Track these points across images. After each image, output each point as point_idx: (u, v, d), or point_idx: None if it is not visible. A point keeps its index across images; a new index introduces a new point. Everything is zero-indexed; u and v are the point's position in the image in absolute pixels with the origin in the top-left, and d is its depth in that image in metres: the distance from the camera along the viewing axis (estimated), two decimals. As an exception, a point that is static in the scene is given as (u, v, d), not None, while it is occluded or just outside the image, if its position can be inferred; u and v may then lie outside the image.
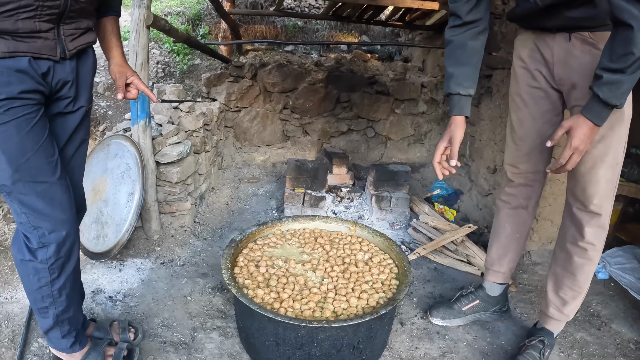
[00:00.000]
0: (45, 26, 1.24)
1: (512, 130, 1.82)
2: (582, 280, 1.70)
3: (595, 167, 1.54)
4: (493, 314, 2.08)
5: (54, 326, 1.53)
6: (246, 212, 3.15)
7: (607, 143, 1.51)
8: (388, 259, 1.99)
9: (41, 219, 1.36)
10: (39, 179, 1.33)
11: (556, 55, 1.58)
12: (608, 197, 1.58)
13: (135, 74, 1.56)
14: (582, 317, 2.18)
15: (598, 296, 2.36)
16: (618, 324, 2.16)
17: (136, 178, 2.34)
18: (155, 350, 1.80)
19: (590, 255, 1.65)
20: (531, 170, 1.81)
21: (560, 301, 1.77)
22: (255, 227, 2.10)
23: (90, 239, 2.37)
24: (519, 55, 1.72)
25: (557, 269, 1.76)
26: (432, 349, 1.92)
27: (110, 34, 1.54)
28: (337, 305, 1.66)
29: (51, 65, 1.31)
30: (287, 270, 1.87)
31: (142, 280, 2.26)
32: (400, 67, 4.29)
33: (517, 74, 1.75)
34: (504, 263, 2.00)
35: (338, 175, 3.39)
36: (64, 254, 1.43)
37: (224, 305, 2.11)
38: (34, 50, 1.24)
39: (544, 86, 1.68)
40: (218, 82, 3.76)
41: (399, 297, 1.63)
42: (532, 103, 1.72)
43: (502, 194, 1.95)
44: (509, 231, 1.95)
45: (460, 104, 1.64)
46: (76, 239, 1.48)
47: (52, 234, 1.38)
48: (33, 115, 1.29)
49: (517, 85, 1.76)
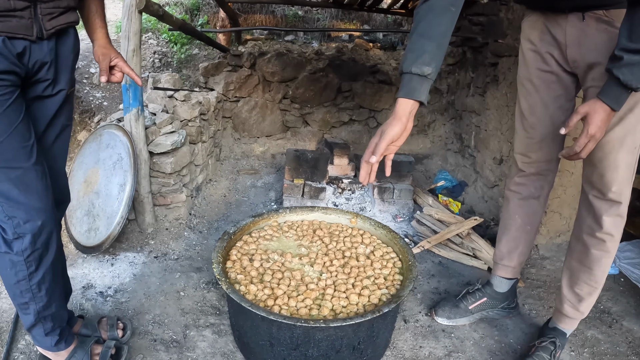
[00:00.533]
0: (21, 4, 1.18)
1: (522, 117, 1.73)
2: (599, 274, 1.62)
3: (613, 152, 1.45)
4: (501, 311, 2.00)
5: (36, 323, 1.47)
6: (244, 204, 3.06)
7: (626, 126, 1.42)
8: (391, 252, 1.89)
9: (16, 208, 1.30)
10: (13, 164, 1.26)
11: (569, 36, 1.49)
12: (627, 183, 1.50)
13: (120, 55, 1.49)
14: (593, 314, 2.09)
15: (608, 292, 2.28)
16: (630, 321, 2.08)
17: (128, 169, 2.25)
18: (145, 348, 1.73)
19: (608, 247, 1.57)
20: (544, 159, 1.72)
21: (576, 297, 1.68)
22: (251, 218, 2.00)
23: (81, 232, 2.30)
24: (528, 37, 1.64)
25: (573, 263, 1.67)
26: (437, 347, 1.83)
27: (94, 14, 1.47)
28: (336, 302, 1.55)
29: (27, 45, 1.24)
30: (283, 265, 1.77)
31: (134, 275, 2.18)
32: (402, 56, 4.18)
33: (527, 58, 1.66)
34: (514, 257, 1.91)
35: (339, 166, 3.30)
36: (40, 245, 1.36)
37: (218, 301, 2.03)
38: (7, 29, 1.18)
39: (556, 69, 1.59)
40: (216, 72, 3.66)
41: (403, 293, 1.53)
42: (543, 88, 1.63)
43: (511, 184, 1.86)
44: (520, 223, 1.86)
45: (412, 85, 1.25)
46: (54, 229, 1.41)
47: (27, 223, 1.31)
48: (7, 97, 1.22)
49: (526, 70, 1.67)
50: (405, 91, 1.26)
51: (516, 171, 1.83)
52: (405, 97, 1.25)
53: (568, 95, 1.64)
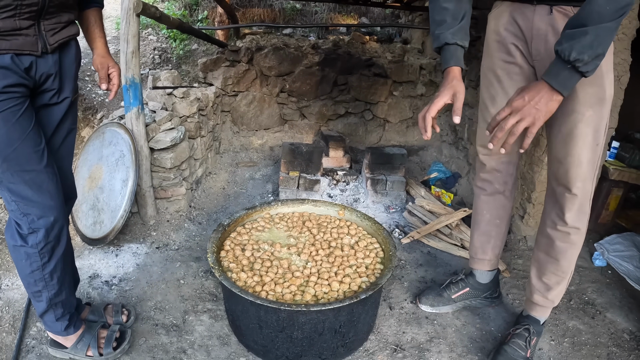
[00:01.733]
0: (26, 23, 1.27)
1: (484, 107, 1.75)
2: (565, 265, 1.67)
3: (577, 148, 1.49)
4: (484, 300, 2.06)
5: (48, 309, 1.59)
6: (242, 196, 3.17)
7: (588, 123, 1.46)
8: (375, 242, 2.00)
9: (30, 206, 1.41)
10: (27, 167, 1.37)
11: (536, 29, 1.50)
12: (589, 179, 1.53)
13: (116, 66, 1.61)
14: (576, 305, 2.14)
15: (594, 284, 2.31)
16: (613, 313, 2.11)
17: (130, 165, 2.37)
18: (147, 332, 1.85)
19: (572, 239, 1.62)
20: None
21: (545, 287, 1.73)
22: (244, 211, 2.12)
23: (87, 226, 2.42)
24: (494, 28, 1.65)
25: (540, 255, 1.72)
26: (419, 333, 1.92)
27: (93, 25, 1.57)
28: (319, 289, 1.68)
29: (33, 60, 1.34)
30: (272, 254, 1.89)
31: (137, 264, 2.30)
32: (399, 49, 4.24)
33: (491, 48, 1.67)
34: (487, 250, 1.96)
35: (335, 158, 3.40)
36: (53, 238, 1.48)
37: (216, 288, 2.16)
38: (15, 47, 1.27)
39: (520, 61, 1.61)
40: (214, 67, 3.75)
41: (381, 281, 1.65)
42: (506, 79, 1.65)
43: (477, 180, 1.90)
44: (489, 217, 1.91)
45: (457, 54, 1.50)
46: (65, 224, 1.53)
47: (40, 219, 1.44)
48: (18, 107, 1.32)
49: (490, 60, 1.69)
50: (455, 60, 1.50)
51: (480, 166, 1.85)
52: (456, 65, 1.50)
53: None
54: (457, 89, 1.46)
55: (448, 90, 1.46)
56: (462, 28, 1.51)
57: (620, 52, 2.22)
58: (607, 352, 1.87)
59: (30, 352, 1.72)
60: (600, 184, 2.72)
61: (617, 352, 1.87)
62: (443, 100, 1.46)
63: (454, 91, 1.46)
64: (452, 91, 1.46)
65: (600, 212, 2.82)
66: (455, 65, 1.49)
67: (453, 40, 1.49)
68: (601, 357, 1.85)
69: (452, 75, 1.49)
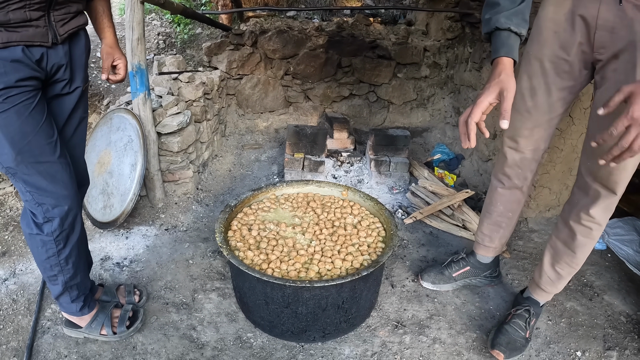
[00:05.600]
0: (36, 14, 1.29)
1: (520, 97, 1.59)
2: (581, 258, 1.66)
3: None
4: (483, 279, 2.10)
5: (64, 292, 1.66)
6: (248, 177, 3.23)
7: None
8: (377, 222, 2.05)
9: (45, 196, 1.46)
10: (40, 159, 1.41)
11: (602, 19, 1.36)
12: (628, 180, 1.47)
13: (123, 57, 1.63)
14: (575, 287, 2.17)
15: (593, 266, 2.34)
16: (611, 295, 2.13)
17: (138, 149, 2.43)
18: (158, 311, 1.93)
19: (594, 235, 1.59)
20: (530, 147, 1.68)
21: (556, 275, 1.74)
22: (250, 192, 2.18)
23: (97, 210, 2.49)
24: (552, 16, 1.48)
25: (558, 244, 1.70)
26: (420, 311, 1.98)
27: (102, 15, 1.59)
28: (322, 266, 1.74)
29: (44, 52, 1.36)
30: (278, 233, 1.95)
31: (147, 246, 2.38)
32: (402, 30, 4.23)
33: (544, 37, 1.51)
34: (495, 239, 1.98)
35: (339, 140, 3.43)
36: (67, 226, 1.54)
37: (223, 267, 2.23)
38: (26, 38, 1.29)
39: (573, 59, 1.48)
40: (219, 51, 3.77)
41: (381, 259, 1.70)
42: (552, 73, 1.53)
43: (497, 173, 1.84)
44: (502, 210, 1.89)
45: (510, 43, 1.26)
46: (79, 211, 1.59)
47: (55, 208, 1.49)
48: (31, 100, 1.36)
49: (540, 49, 1.53)
50: (506, 49, 1.25)
51: (502, 159, 1.78)
52: (507, 55, 1.25)
53: (574, 89, 1.55)
54: (506, 86, 1.21)
55: (494, 87, 1.22)
56: (519, 12, 1.29)
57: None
58: (603, 334, 1.90)
59: (46, 333, 1.80)
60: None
61: (613, 334, 1.91)
62: (488, 99, 1.23)
63: (502, 88, 1.22)
64: (498, 88, 1.22)
65: (602, 197, 2.81)
66: (506, 56, 1.26)
67: (506, 25, 1.27)
68: (597, 338, 1.88)
69: (500, 68, 1.25)
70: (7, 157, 1.37)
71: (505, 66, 1.25)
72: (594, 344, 1.85)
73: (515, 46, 1.28)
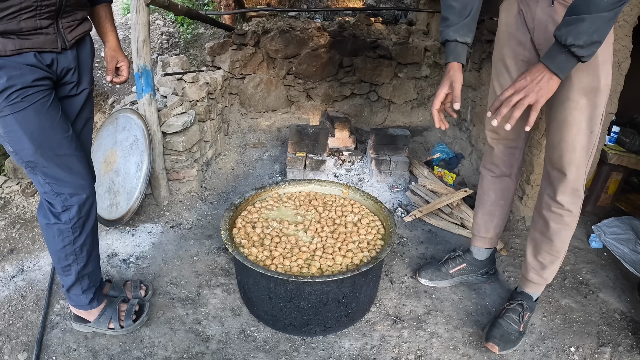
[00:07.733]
0: (46, 22, 1.38)
1: (494, 95, 1.83)
2: (559, 245, 1.74)
3: (571, 134, 1.54)
4: (480, 277, 2.16)
5: (76, 282, 1.71)
6: (251, 176, 3.28)
7: (582, 110, 1.51)
8: (377, 220, 2.11)
9: (63, 186, 1.54)
10: (59, 152, 1.50)
11: (537, 20, 1.56)
12: (583, 164, 1.59)
13: (126, 60, 1.72)
14: (570, 284, 2.21)
15: (589, 264, 2.37)
16: (606, 293, 2.16)
17: (144, 149, 2.48)
18: (164, 305, 1.98)
19: (566, 221, 1.68)
20: (510, 136, 1.84)
21: (539, 265, 1.81)
22: (254, 191, 2.24)
23: (104, 208, 2.54)
24: (505, 20, 1.72)
25: (536, 235, 1.80)
26: (418, 306, 2.04)
27: (104, 20, 1.68)
28: (323, 262, 1.80)
29: (54, 57, 1.45)
30: (281, 231, 2.01)
31: (152, 243, 2.43)
32: (403, 30, 4.28)
33: (501, 40, 1.74)
34: (490, 229, 2.06)
35: (340, 139, 3.49)
36: (84, 213, 1.61)
37: (227, 264, 2.28)
38: (37, 45, 1.38)
39: (528, 53, 1.66)
40: (222, 51, 3.83)
41: (380, 256, 1.76)
42: (514, 70, 1.71)
43: (485, 163, 1.99)
44: (494, 198, 2.00)
45: (457, 51, 1.62)
46: (95, 200, 1.66)
47: (73, 197, 1.56)
48: (47, 98, 1.44)
49: (500, 51, 1.76)
50: (454, 56, 1.61)
51: (489, 150, 1.94)
52: (455, 61, 1.61)
53: None
54: (454, 79, 1.59)
55: (446, 81, 1.60)
56: (465, 25, 1.59)
57: (621, 39, 2.25)
58: (597, 330, 1.94)
59: (55, 328, 1.84)
60: (600, 167, 2.77)
61: (607, 331, 1.94)
62: (443, 90, 1.60)
63: (451, 81, 1.59)
64: (449, 82, 1.59)
65: (599, 195, 2.86)
66: (454, 61, 1.61)
67: (453, 37, 1.59)
68: (591, 335, 1.92)
69: (450, 68, 1.61)
70: (27, 152, 1.45)
71: (454, 67, 1.61)
72: (587, 340, 1.89)
73: (462, 53, 1.62)
